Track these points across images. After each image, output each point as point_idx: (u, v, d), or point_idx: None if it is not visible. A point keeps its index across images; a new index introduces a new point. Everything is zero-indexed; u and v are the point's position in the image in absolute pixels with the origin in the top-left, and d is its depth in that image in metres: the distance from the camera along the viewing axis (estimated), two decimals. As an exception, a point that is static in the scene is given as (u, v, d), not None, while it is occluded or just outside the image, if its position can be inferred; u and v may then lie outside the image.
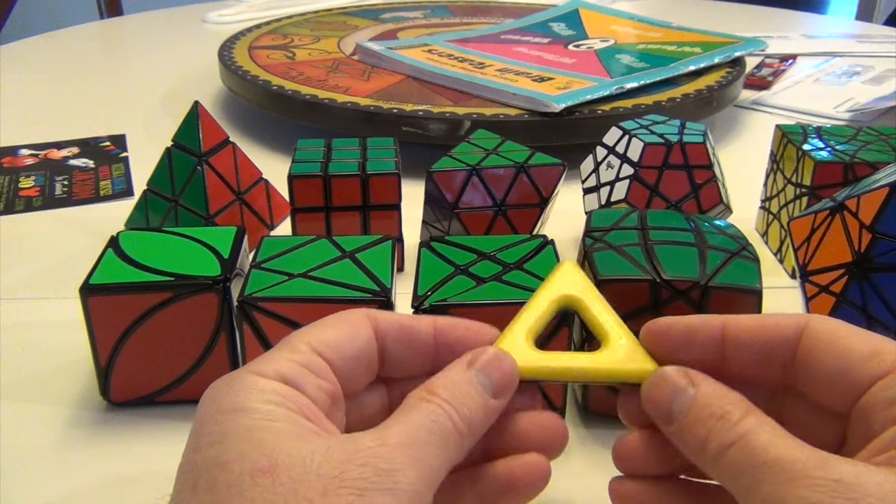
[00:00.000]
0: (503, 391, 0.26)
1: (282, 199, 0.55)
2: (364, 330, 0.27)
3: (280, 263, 0.38)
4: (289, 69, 0.77)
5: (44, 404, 0.40)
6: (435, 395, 0.25)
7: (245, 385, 0.24)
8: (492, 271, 0.37)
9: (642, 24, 0.93)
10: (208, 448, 0.22)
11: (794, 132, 0.52)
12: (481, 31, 0.91)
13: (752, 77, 0.90)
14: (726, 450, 0.23)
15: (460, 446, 0.24)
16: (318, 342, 0.26)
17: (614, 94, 0.69)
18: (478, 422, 0.25)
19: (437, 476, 0.23)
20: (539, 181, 0.48)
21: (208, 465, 0.22)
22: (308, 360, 0.25)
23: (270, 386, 0.24)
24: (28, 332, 0.46)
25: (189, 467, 0.22)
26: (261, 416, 0.23)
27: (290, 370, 0.25)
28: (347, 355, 0.26)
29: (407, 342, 0.28)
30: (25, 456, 0.37)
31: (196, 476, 0.22)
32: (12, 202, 0.62)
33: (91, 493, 0.35)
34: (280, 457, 0.21)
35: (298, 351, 0.26)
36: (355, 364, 0.27)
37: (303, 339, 0.26)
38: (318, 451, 0.22)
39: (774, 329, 0.26)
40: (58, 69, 0.99)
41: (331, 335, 0.26)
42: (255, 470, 0.21)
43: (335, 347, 0.26)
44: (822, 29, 1.20)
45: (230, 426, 0.22)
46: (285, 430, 0.22)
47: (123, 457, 0.37)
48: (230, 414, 0.23)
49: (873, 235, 0.36)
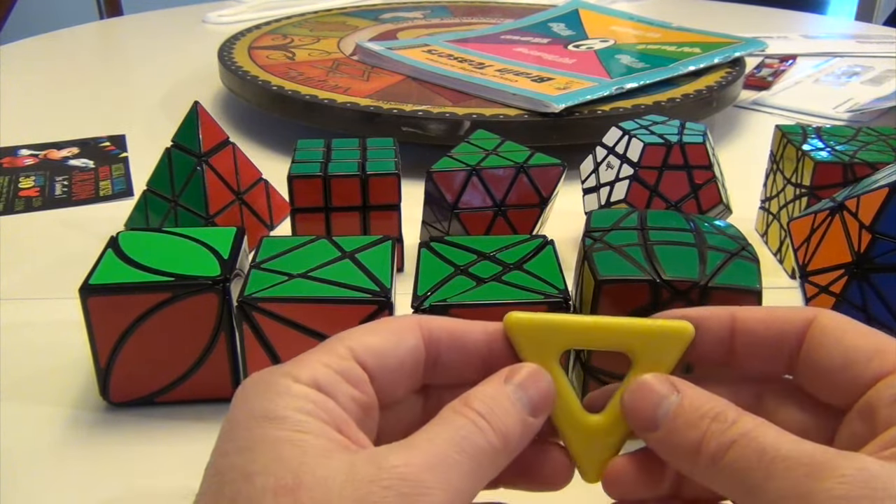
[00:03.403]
0: (541, 409, 0.25)
1: (282, 200, 0.55)
2: (411, 338, 0.26)
3: (280, 264, 0.38)
4: (289, 69, 0.77)
5: (43, 404, 0.40)
6: (469, 409, 0.24)
7: (278, 390, 0.23)
8: (492, 271, 0.37)
9: (642, 24, 0.93)
10: (236, 455, 0.22)
11: (793, 132, 0.52)
12: (481, 32, 0.91)
13: (752, 77, 0.90)
14: (727, 449, 0.23)
15: (494, 463, 0.24)
16: (361, 348, 0.25)
17: (614, 94, 0.69)
18: (514, 438, 0.24)
19: (465, 498, 0.23)
20: (539, 181, 0.48)
21: (234, 473, 0.22)
22: (346, 367, 0.25)
23: (304, 392, 0.23)
24: (28, 332, 0.46)
25: (215, 471, 0.22)
26: (291, 426, 0.22)
27: (325, 377, 0.24)
28: (389, 364, 0.25)
29: (459, 350, 0.27)
30: (25, 456, 0.37)
31: (221, 482, 0.22)
32: (12, 202, 0.62)
33: (90, 493, 0.35)
34: (304, 476, 0.21)
35: (338, 355, 0.25)
36: (397, 374, 0.26)
37: (345, 343, 0.25)
38: (342, 470, 0.21)
39: (784, 320, 0.26)
40: (58, 69, 0.99)
41: (375, 341, 0.25)
42: (279, 487, 0.21)
43: (377, 355, 0.25)
44: (822, 29, 1.20)
45: (259, 434, 0.22)
46: (313, 444, 0.22)
47: (123, 457, 0.37)
48: (261, 421, 0.23)
49: (873, 236, 0.36)
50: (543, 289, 0.36)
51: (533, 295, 0.35)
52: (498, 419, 0.24)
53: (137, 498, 0.34)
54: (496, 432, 0.24)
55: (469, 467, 0.23)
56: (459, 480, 0.22)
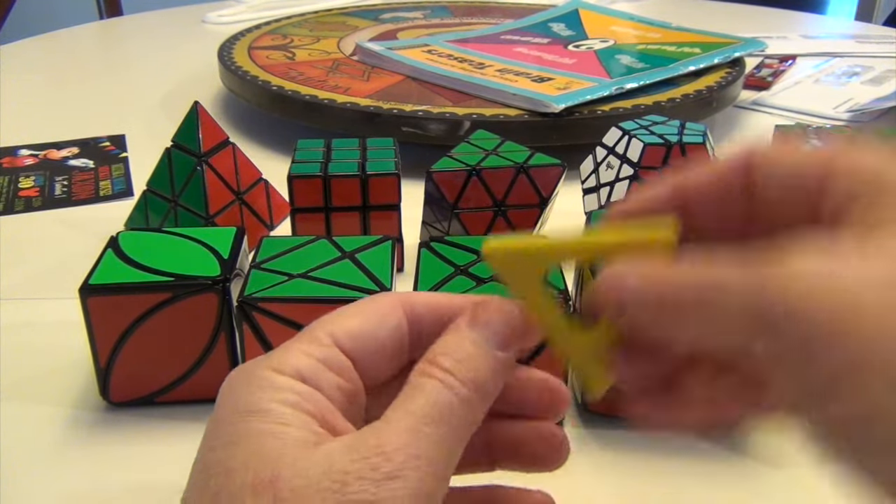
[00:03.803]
0: (509, 340, 0.25)
1: (281, 200, 0.55)
2: (393, 318, 0.26)
3: (280, 264, 0.38)
4: (288, 69, 0.77)
5: (43, 404, 0.40)
6: (435, 367, 0.23)
7: (261, 383, 0.23)
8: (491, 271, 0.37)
9: (642, 24, 0.93)
10: (221, 449, 0.22)
11: (793, 132, 0.52)
12: (481, 32, 0.91)
13: (752, 77, 0.90)
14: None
15: (471, 415, 0.23)
16: (343, 333, 0.25)
17: (614, 94, 0.69)
18: (487, 381, 0.24)
19: (446, 465, 0.23)
20: (539, 181, 0.48)
21: (218, 468, 0.22)
22: (328, 354, 0.24)
23: (287, 384, 0.23)
24: (28, 332, 0.46)
25: (202, 466, 0.23)
26: (273, 419, 0.22)
27: (307, 367, 0.24)
28: (372, 347, 0.25)
29: (443, 324, 0.26)
30: (25, 456, 0.37)
31: (206, 477, 0.22)
32: (12, 202, 0.62)
33: (90, 493, 0.35)
34: (283, 469, 0.21)
35: (319, 343, 0.25)
36: (380, 356, 0.26)
37: (325, 329, 0.25)
38: (321, 462, 0.21)
39: (804, 155, 0.23)
40: (58, 69, 0.99)
41: (356, 325, 0.25)
42: (258, 483, 0.21)
43: (359, 338, 0.25)
44: (822, 29, 1.20)
45: (242, 429, 0.22)
46: (294, 436, 0.22)
47: (123, 457, 0.37)
48: (244, 415, 0.23)
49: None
50: (543, 289, 0.36)
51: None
52: (465, 368, 0.24)
53: (137, 498, 0.34)
54: (466, 384, 0.23)
55: (442, 434, 0.22)
56: (435, 450, 0.22)
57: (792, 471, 0.36)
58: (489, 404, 0.24)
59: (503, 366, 0.25)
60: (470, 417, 0.23)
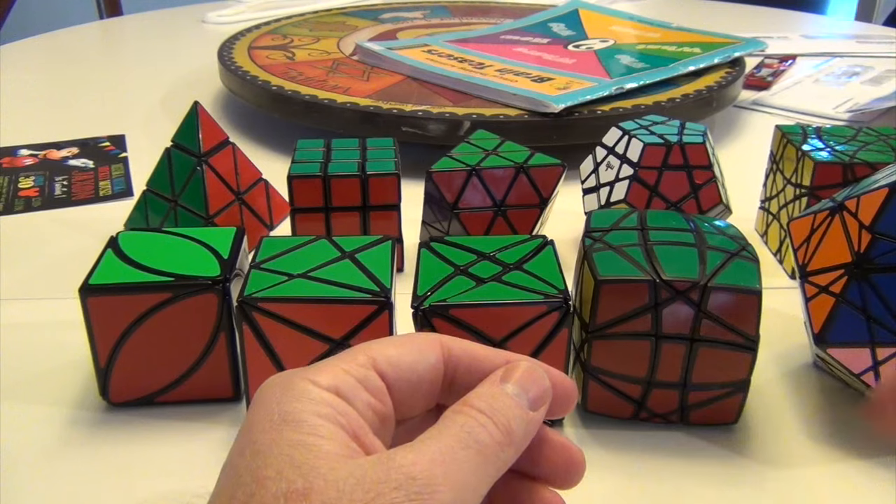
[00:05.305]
0: (540, 402, 0.26)
1: (281, 200, 0.55)
2: (432, 355, 0.26)
3: (280, 264, 0.38)
4: (288, 69, 0.77)
5: (43, 404, 0.40)
6: (470, 408, 0.24)
7: (298, 393, 0.24)
8: (491, 272, 0.37)
9: (642, 24, 0.93)
10: (253, 457, 0.22)
11: (793, 132, 0.52)
12: (481, 32, 0.91)
13: (752, 77, 0.90)
14: None
15: (500, 458, 0.24)
16: (382, 359, 0.25)
17: (614, 94, 0.69)
18: (518, 432, 0.25)
19: (475, 493, 0.23)
20: (539, 181, 0.48)
21: (248, 475, 0.22)
22: (365, 375, 0.25)
23: (322, 396, 0.24)
24: (28, 332, 0.46)
25: (232, 471, 0.23)
26: (307, 430, 0.23)
27: (344, 383, 0.24)
28: (408, 378, 0.26)
29: (478, 375, 0.27)
30: (25, 456, 0.37)
31: (236, 483, 0.22)
32: (12, 202, 0.62)
33: (90, 493, 0.35)
34: (316, 480, 0.21)
35: (358, 364, 0.25)
36: (415, 388, 0.26)
37: (366, 353, 0.26)
38: (353, 474, 0.21)
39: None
40: (58, 69, 0.99)
41: (396, 354, 0.26)
42: (290, 492, 0.21)
43: (397, 367, 0.26)
44: (822, 29, 1.20)
45: (276, 437, 0.23)
46: (327, 449, 0.22)
47: (123, 457, 0.37)
48: (278, 423, 0.23)
49: (873, 236, 0.36)
50: (543, 289, 0.36)
51: (533, 295, 0.35)
52: (499, 414, 0.24)
53: (137, 498, 0.34)
54: (499, 426, 0.24)
55: (475, 462, 0.23)
56: (466, 475, 0.22)
57: (792, 471, 0.36)
58: (517, 456, 0.25)
59: (533, 423, 0.25)
60: (497, 460, 0.24)
